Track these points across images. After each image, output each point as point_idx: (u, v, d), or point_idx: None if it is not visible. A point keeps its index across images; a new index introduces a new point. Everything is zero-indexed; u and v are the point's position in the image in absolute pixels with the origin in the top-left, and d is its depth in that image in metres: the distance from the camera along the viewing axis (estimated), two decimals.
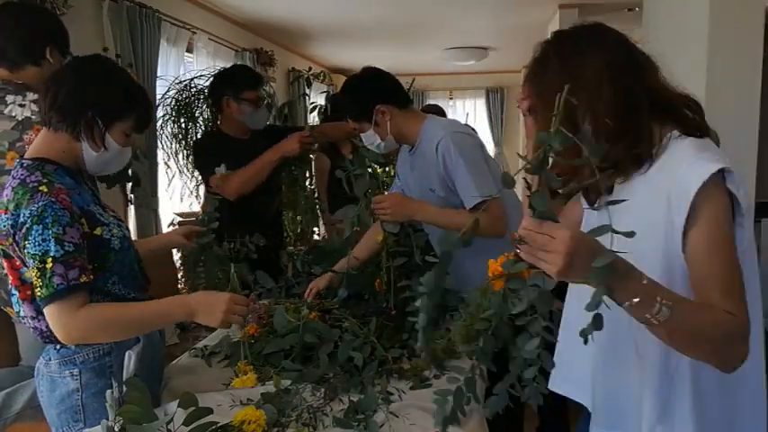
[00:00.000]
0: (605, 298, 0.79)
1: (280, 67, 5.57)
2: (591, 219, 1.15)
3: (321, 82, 6.18)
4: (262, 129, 2.61)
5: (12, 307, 1.42)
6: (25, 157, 1.33)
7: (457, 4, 4.43)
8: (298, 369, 1.52)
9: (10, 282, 1.32)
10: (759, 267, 1.03)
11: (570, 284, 1.10)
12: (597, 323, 0.79)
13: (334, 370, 1.50)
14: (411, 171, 1.96)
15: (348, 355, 1.53)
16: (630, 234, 0.79)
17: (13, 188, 1.26)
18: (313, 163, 3.49)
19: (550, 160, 0.85)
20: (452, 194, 1.81)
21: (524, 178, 0.99)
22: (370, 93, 1.88)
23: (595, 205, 1.11)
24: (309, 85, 5.73)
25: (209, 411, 1.07)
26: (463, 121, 2.37)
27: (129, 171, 2.77)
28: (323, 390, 1.40)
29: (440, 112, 3.83)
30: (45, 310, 1.24)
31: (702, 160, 0.92)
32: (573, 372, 1.17)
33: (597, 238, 0.81)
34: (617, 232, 0.79)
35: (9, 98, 1.72)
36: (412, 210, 1.83)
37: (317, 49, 6.24)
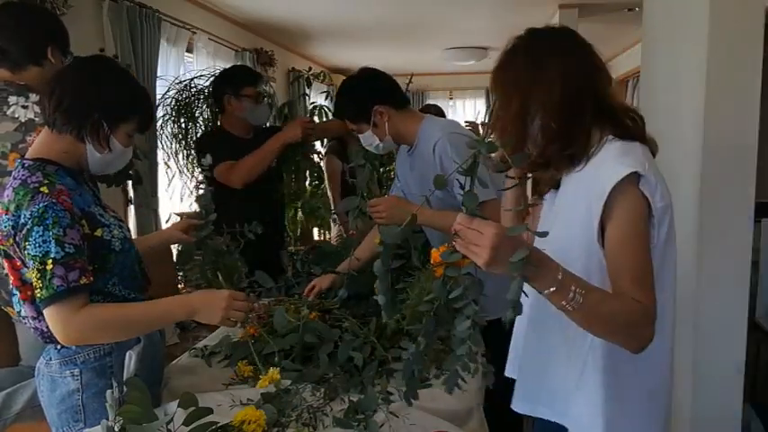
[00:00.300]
0: (528, 287, 0.91)
1: (280, 67, 5.57)
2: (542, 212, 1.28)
3: (321, 82, 6.18)
4: (264, 126, 2.65)
5: (12, 307, 1.42)
6: (26, 157, 1.33)
7: (457, 4, 4.43)
8: (298, 369, 1.52)
9: (11, 282, 1.32)
10: (758, 267, 1.10)
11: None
12: (517, 309, 0.90)
13: (334, 370, 1.50)
14: (411, 171, 1.96)
15: (348, 355, 1.52)
16: (543, 234, 0.92)
17: (14, 189, 1.26)
18: (324, 166, 3.50)
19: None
20: (450, 195, 1.81)
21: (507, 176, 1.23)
22: (368, 93, 1.88)
23: (544, 197, 1.25)
24: (309, 85, 5.73)
25: (210, 411, 1.07)
26: (473, 119, 2.38)
27: (131, 171, 2.77)
28: (323, 390, 1.40)
29: (439, 112, 3.84)
30: (45, 312, 1.23)
31: (619, 164, 1.02)
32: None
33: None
34: (530, 231, 0.92)
35: (12, 99, 1.71)
36: (408, 212, 1.82)
37: (317, 49, 6.23)
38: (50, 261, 1.21)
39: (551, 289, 0.91)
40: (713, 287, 1.81)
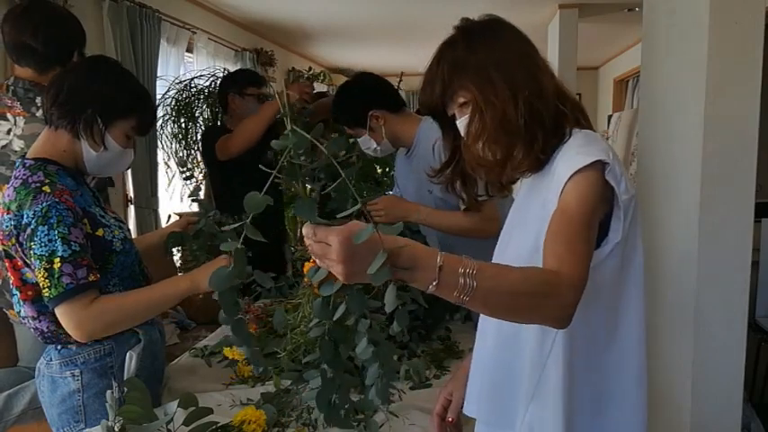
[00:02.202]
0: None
1: (280, 67, 5.57)
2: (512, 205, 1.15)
3: (321, 82, 6.19)
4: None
5: (14, 309, 1.41)
6: (27, 156, 1.33)
7: (456, 3, 4.42)
8: (297, 369, 1.52)
9: (11, 282, 1.32)
10: (758, 267, 1.04)
11: None
12: (400, 321, 0.75)
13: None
14: (409, 175, 1.96)
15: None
16: (383, 194, 0.77)
17: (15, 188, 1.26)
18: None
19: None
20: (450, 195, 1.81)
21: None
22: (363, 99, 1.89)
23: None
24: None
25: (210, 411, 1.07)
26: None
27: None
28: None
29: None
30: (56, 311, 1.24)
31: (581, 154, 0.92)
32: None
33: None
34: (396, 230, 0.76)
35: (39, 100, 1.71)
36: (406, 211, 1.83)
37: (317, 49, 6.24)
38: (58, 259, 1.21)
39: (434, 283, 0.75)
40: (713, 287, 1.80)
